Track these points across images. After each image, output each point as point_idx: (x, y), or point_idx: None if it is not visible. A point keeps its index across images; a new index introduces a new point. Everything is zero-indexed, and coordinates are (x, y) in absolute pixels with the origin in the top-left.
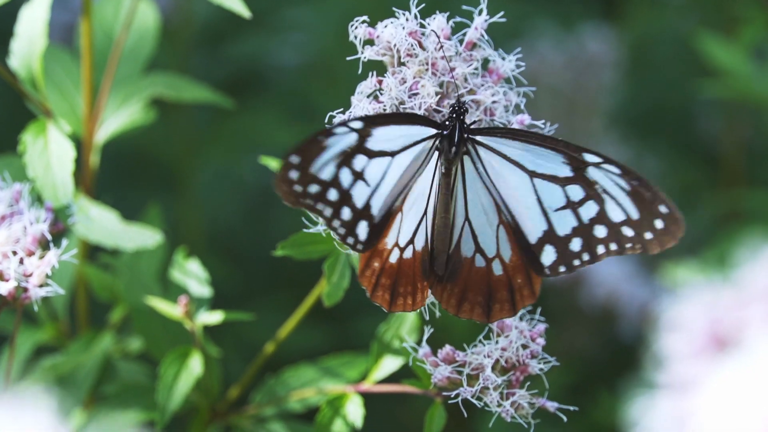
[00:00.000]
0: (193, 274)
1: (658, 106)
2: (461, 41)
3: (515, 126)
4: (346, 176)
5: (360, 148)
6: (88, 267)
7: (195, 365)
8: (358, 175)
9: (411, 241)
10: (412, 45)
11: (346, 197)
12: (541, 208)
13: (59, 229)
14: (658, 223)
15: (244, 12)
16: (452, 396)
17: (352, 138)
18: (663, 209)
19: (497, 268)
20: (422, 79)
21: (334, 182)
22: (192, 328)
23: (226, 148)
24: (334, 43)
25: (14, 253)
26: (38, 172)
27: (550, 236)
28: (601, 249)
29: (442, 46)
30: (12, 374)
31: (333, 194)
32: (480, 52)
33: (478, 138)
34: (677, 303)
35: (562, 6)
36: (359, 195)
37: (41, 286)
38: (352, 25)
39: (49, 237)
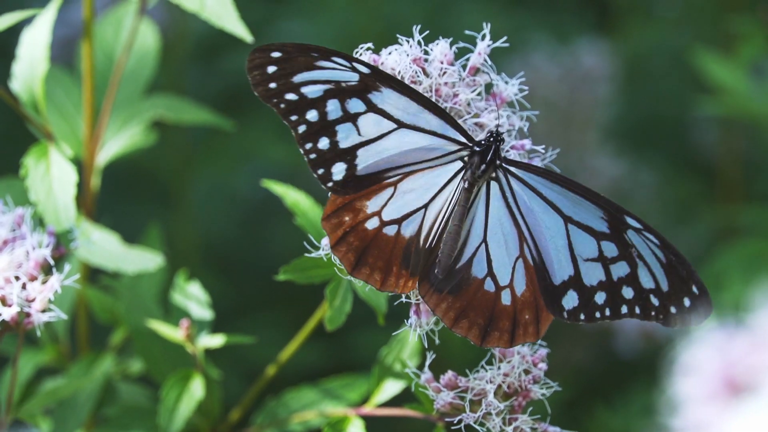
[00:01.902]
0: (194, 297)
1: (654, 119)
2: (464, 66)
3: (512, 153)
4: (334, 108)
5: (360, 93)
6: (89, 289)
7: (196, 388)
8: (350, 117)
9: (397, 223)
10: (416, 72)
11: (328, 127)
12: (571, 254)
13: (61, 253)
14: (686, 301)
15: (247, 36)
16: (455, 422)
17: (352, 77)
18: (695, 290)
19: (506, 298)
20: None
21: (318, 105)
22: (193, 352)
23: (221, 162)
24: None
25: (17, 278)
26: (40, 196)
27: (575, 282)
28: (624, 309)
29: (445, 72)
30: (14, 397)
31: (313, 115)
32: (483, 77)
33: (513, 169)
34: (691, 346)
35: (557, 19)
36: (345, 135)
37: (44, 311)
38: (356, 52)
39: (51, 262)
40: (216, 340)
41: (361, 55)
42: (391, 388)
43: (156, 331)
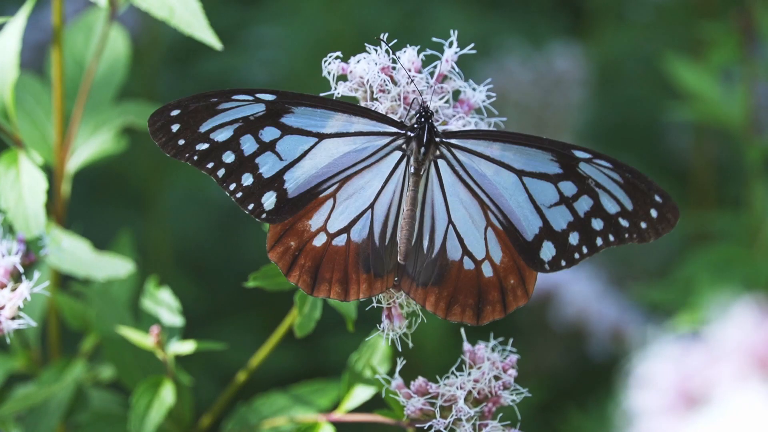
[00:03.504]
0: (164, 303)
1: (627, 124)
2: (432, 74)
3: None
4: (249, 144)
5: (272, 120)
6: (59, 296)
7: (167, 395)
8: (267, 146)
9: (345, 231)
10: (384, 81)
11: (247, 163)
12: (534, 206)
13: (31, 260)
14: (653, 212)
15: (216, 44)
16: (425, 428)
17: (258, 108)
18: (658, 198)
19: (487, 270)
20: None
21: (232, 146)
22: (164, 358)
23: (193, 167)
24: (303, 60)
25: None
26: (10, 203)
27: (547, 232)
28: (599, 241)
29: (413, 80)
30: None
31: (229, 157)
32: (451, 84)
33: (454, 141)
34: (647, 359)
35: (531, 23)
36: (267, 165)
37: (13, 318)
38: (325, 61)
39: (21, 269)
40: (186, 347)
41: (329, 63)
42: (361, 394)
43: (127, 337)
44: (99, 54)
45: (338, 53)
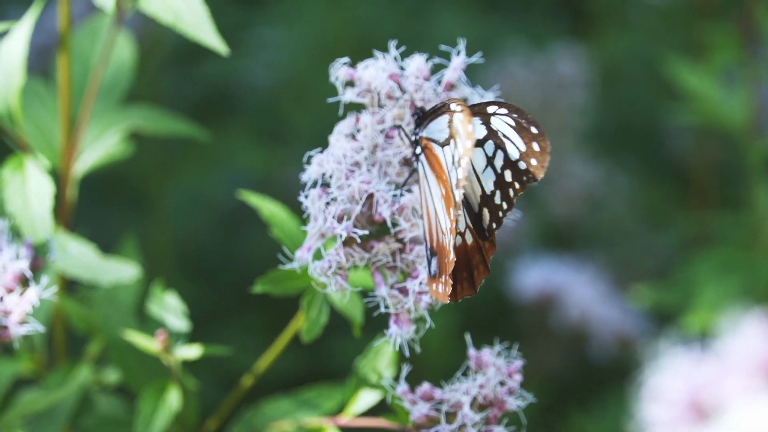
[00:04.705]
0: (170, 307)
1: (628, 125)
2: (440, 81)
3: None
4: None
5: None
6: (66, 300)
7: (173, 399)
8: None
9: None
10: (392, 88)
11: None
12: (476, 175)
13: (38, 265)
14: (536, 146)
15: (222, 48)
16: None
17: None
18: (534, 130)
19: (469, 237)
20: (399, 128)
21: None
22: (170, 363)
23: (196, 168)
24: (305, 62)
25: None
26: (17, 208)
27: (484, 199)
28: (511, 192)
29: (420, 88)
30: None
31: None
32: (458, 92)
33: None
34: (658, 371)
35: (533, 25)
36: None
37: (21, 323)
38: (333, 66)
39: (29, 274)
40: (192, 351)
41: (337, 69)
42: (366, 398)
43: (132, 342)
44: (105, 59)
45: (346, 58)
